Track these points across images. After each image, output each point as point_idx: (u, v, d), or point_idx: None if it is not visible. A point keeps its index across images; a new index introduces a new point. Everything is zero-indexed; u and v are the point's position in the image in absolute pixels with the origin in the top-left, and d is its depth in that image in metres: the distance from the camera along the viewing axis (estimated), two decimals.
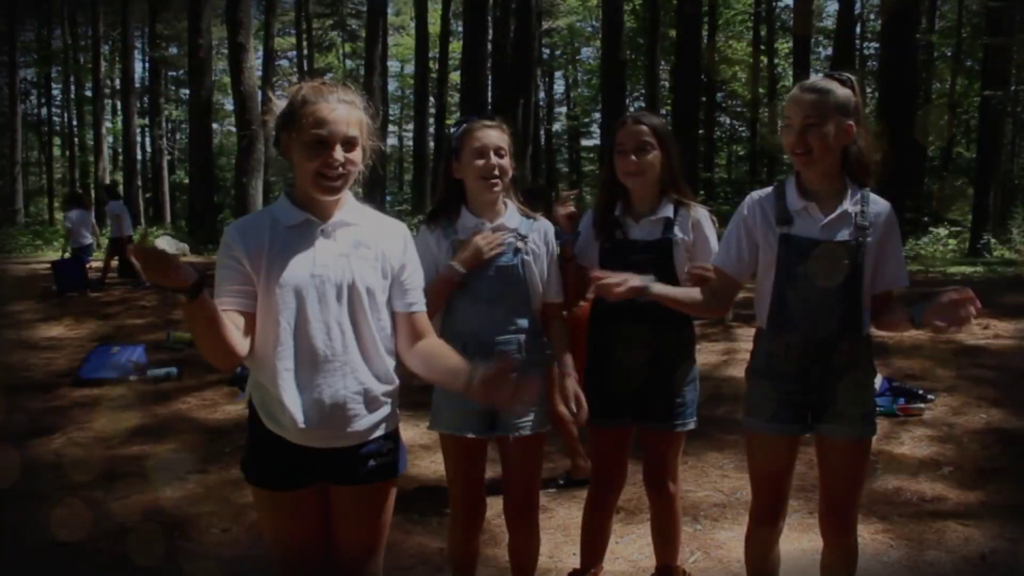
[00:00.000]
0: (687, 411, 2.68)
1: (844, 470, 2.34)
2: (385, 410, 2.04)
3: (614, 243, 2.64)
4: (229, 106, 30.77)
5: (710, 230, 2.66)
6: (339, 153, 1.90)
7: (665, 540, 2.84)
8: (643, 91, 30.27)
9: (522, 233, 2.55)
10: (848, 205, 2.27)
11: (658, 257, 2.61)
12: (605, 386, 2.69)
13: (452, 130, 2.61)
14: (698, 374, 2.74)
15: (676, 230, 2.63)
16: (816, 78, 2.32)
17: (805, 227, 2.27)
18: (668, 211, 2.64)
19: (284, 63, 38.86)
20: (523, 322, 2.52)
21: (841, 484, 2.35)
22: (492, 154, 2.47)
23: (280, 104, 1.99)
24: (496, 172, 2.48)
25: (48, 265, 12.40)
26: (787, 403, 2.32)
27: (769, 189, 2.38)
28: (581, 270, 2.65)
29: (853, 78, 2.29)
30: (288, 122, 1.94)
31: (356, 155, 1.95)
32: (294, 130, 1.92)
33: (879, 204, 2.31)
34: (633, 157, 2.60)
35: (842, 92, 2.24)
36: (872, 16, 32.70)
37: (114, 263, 12.61)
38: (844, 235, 2.25)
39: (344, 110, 1.92)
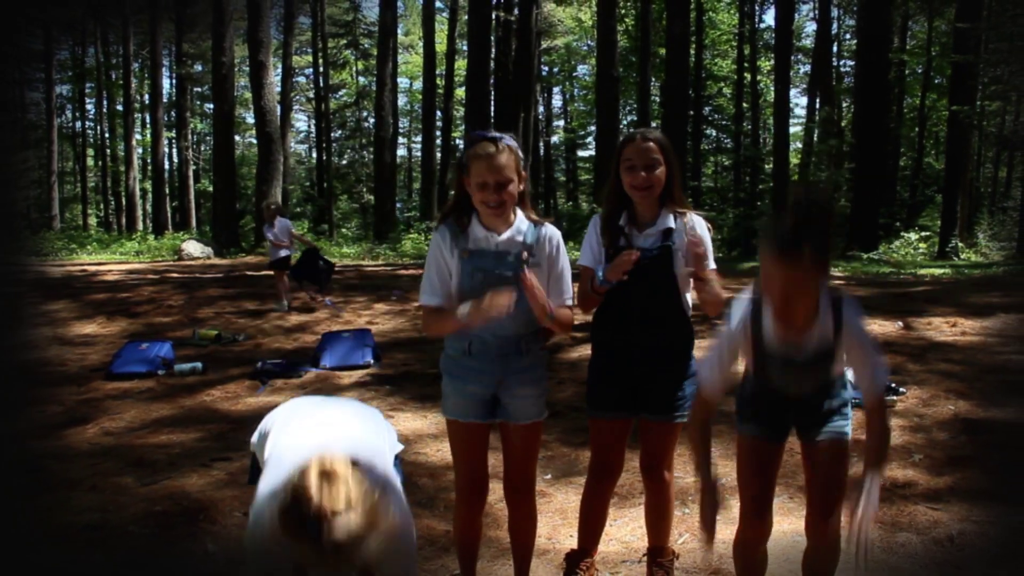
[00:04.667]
0: (686, 404, 2.68)
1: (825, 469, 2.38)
2: None
3: (618, 250, 2.63)
4: (250, 119, 30.73)
5: (706, 236, 2.66)
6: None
7: (658, 523, 2.84)
8: (635, 105, 30.25)
9: (528, 242, 2.52)
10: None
11: (659, 263, 2.62)
12: (608, 380, 2.70)
13: (461, 146, 2.60)
14: (695, 369, 2.74)
15: (675, 238, 2.64)
16: None
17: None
18: (669, 221, 2.65)
19: (301, 80, 38.92)
20: (525, 325, 2.52)
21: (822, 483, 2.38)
22: (492, 189, 2.41)
23: None
24: (496, 203, 2.43)
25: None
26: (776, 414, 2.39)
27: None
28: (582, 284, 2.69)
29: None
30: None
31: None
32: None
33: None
34: (643, 173, 2.60)
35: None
36: (848, 36, 32.71)
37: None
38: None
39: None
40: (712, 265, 2.62)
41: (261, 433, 2.40)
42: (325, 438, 2.11)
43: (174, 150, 37.61)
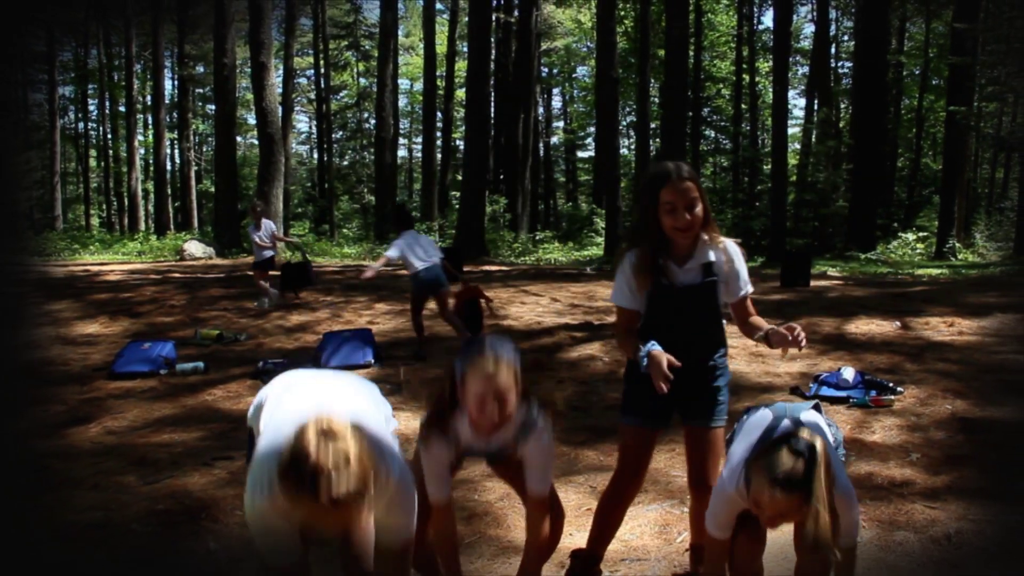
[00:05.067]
0: (724, 409, 2.72)
1: None
2: None
3: (661, 288, 2.61)
4: (252, 120, 30.73)
5: (741, 262, 2.68)
6: None
7: (703, 525, 2.83)
8: (634, 106, 30.22)
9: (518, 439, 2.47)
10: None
11: (704, 298, 2.63)
12: (645, 390, 2.62)
13: (457, 361, 2.37)
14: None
15: (716, 271, 2.63)
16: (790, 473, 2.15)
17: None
18: (709, 254, 2.62)
19: (302, 81, 38.90)
20: None
21: None
22: (492, 407, 2.29)
23: None
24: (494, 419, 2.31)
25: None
26: None
27: None
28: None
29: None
30: None
31: None
32: None
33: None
34: (687, 215, 2.53)
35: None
36: (846, 37, 32.70)
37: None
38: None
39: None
40: (749, 289, 2.68)
41: (257, 405, 2.38)
42: (323, 400, 2.11)
43: (176, 151, 37.59)
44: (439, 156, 29.83)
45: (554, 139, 42.59)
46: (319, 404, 2.03)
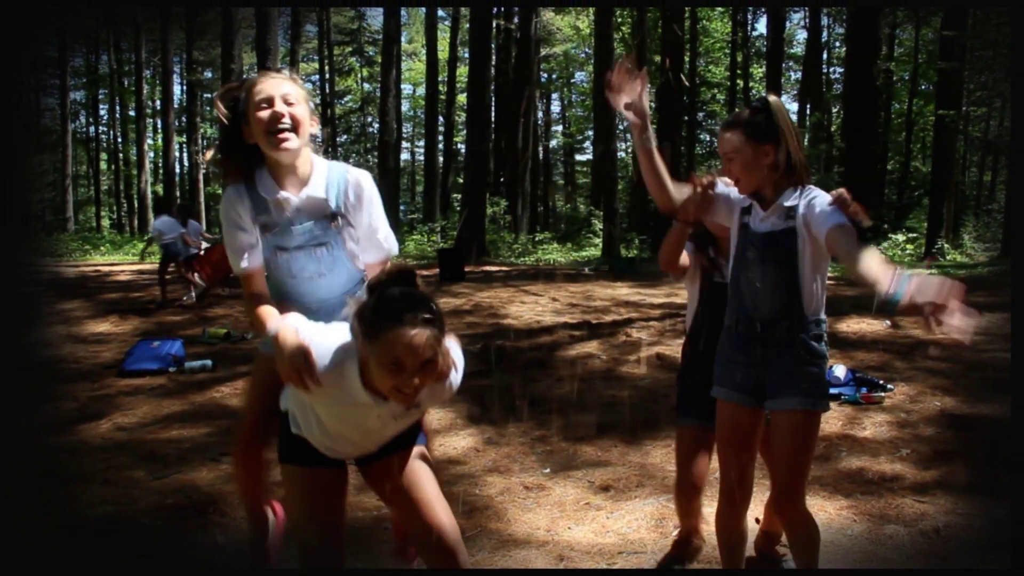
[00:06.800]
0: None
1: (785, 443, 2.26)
2: None
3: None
4: None
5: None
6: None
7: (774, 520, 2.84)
8: None
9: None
10: (784, 200, 2.28)
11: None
12: (700, 389, 2.58)
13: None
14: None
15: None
16: (735, 113, 2.32)
17: (753, 221, 2.34)
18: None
19: (308, 86, 38.87)
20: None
21: (782, 459, 2.28)
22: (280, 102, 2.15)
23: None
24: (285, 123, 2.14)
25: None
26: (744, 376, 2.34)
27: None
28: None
29: (769, 100, 2.25)
30: None
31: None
32: None
33: (811, 193, 2.27)
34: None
35: (753, 120, 2.25)
36: (838, 44, 32.71)
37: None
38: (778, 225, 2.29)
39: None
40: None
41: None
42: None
43: (185, 154, 37.58)
44: (441, 159, 29.83)
45: (553, 142, 42.61)
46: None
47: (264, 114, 2.13)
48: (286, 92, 2.16)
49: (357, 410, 1.87)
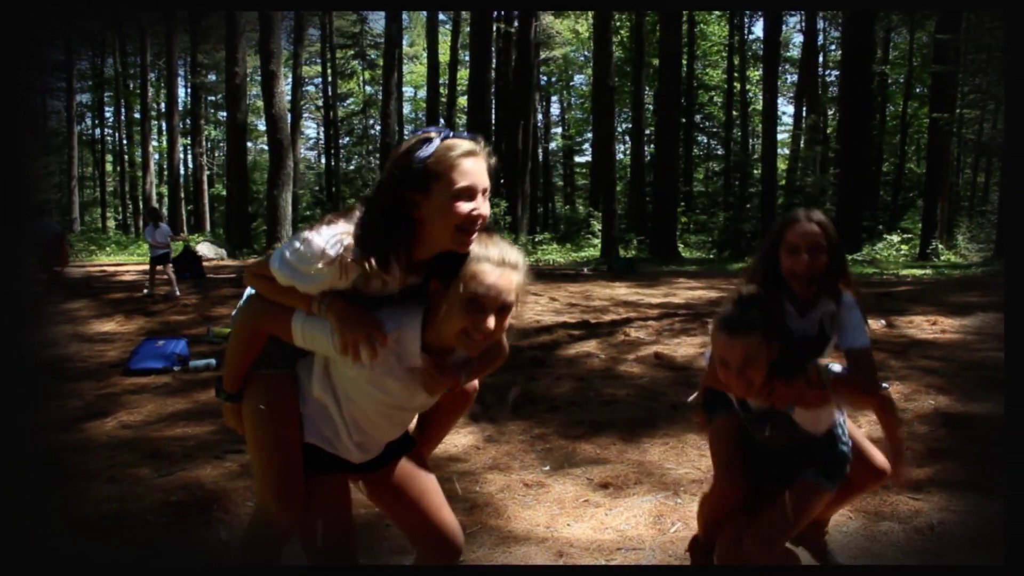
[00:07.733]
0: (829, 471, 2.49)
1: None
2: None
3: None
4: (262, 126, 30.76)
5: (855, 311, 2.34)
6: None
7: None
8: (630, 113, 30.23)
9: None
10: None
11: (817, 354, 2.39)
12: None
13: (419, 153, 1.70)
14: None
15: (829, 326, 2.37)
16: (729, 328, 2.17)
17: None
18: (830, 307, 2.34)
19: (311, 89, 38.90)
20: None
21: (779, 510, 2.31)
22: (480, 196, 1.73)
23: None
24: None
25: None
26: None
27: None
28: None
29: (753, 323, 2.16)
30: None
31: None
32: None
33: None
34: (806, 256, 2.30)
35: (749, 344, 2.14)
36: (833, 47, 32.72)
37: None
38: None
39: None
40: (865, 342, 2.32)
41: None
42: None
43: (189, 156, 37.62)
44: None
45: (552, 144, 42.64)
46: None
47: (464, 207, 1.70)
48: (488, 185, 1.75)
49: (399, 385, 1.86)
